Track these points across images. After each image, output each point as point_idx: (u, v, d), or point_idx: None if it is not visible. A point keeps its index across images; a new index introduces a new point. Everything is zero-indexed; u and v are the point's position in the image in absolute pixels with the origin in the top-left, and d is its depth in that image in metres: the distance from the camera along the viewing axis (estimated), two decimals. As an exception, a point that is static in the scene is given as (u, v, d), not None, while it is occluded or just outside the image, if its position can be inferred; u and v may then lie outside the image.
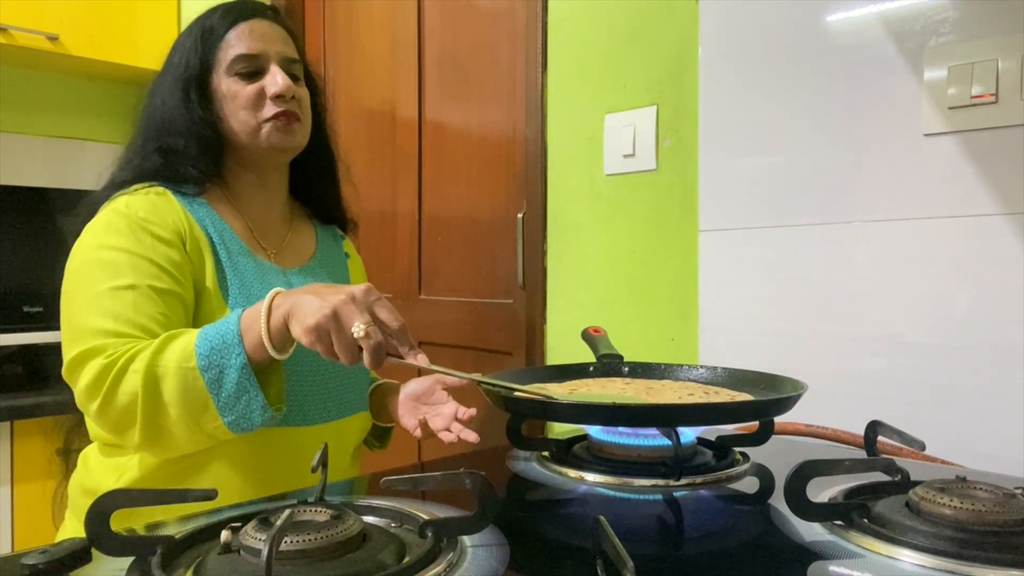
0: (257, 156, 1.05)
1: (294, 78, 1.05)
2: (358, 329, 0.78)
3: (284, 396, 0.89)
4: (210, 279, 0.96)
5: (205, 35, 1.03)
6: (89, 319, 0.89)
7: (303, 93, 1.06)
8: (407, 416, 1.09)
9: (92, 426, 1.00)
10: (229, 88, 1.02)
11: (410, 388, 1.12)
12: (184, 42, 1.05)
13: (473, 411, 1.03)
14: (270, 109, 1.01)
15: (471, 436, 1.01)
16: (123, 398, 0.84)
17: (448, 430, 1.03)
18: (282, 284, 1.03)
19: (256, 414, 0.84)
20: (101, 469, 0.98)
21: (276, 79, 1.01)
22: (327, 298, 0.79)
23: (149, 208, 0.96)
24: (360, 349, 0.79)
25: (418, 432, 1.06)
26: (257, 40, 1.03)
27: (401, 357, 0.82)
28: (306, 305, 0.80)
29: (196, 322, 0.95)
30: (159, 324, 0.90)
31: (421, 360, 0.82)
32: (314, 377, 1.00)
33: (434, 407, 1.08)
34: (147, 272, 0.91)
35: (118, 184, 1.01)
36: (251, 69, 1.02)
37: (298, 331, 0.80)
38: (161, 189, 0.99)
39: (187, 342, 0.84)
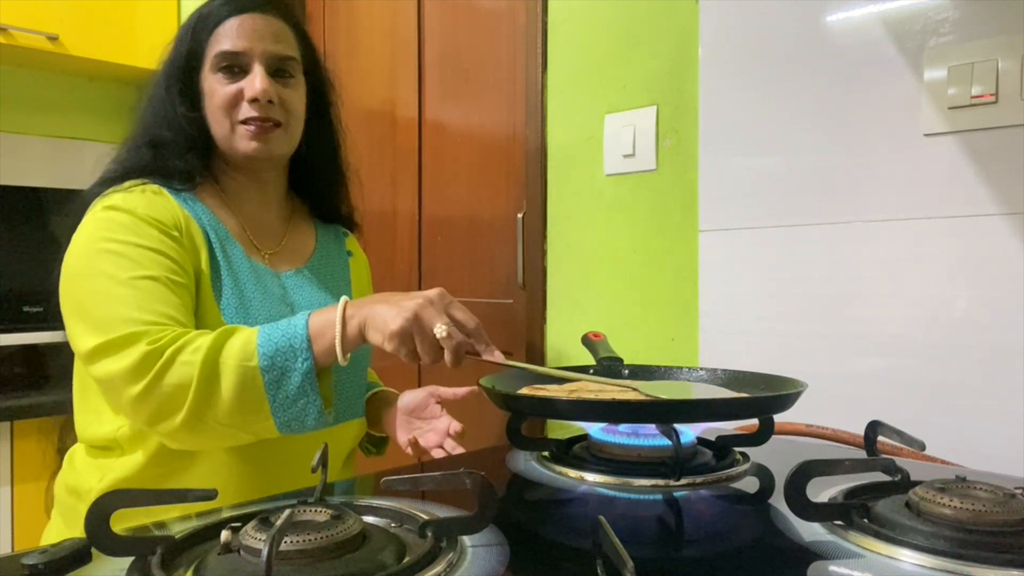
0: (236, 160, 1.02)
1: (284, 75, 1.00)
2: (440, 330, 0.80)
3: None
4: (204, 276, 0.95)
5: (199, 26, 1.00)
6: (117, 307, 0.86)
7: (291, 95, 1.01)
8: (401, 432, 1.09)
9: (81, 427, 0.98)
10: (211, 86, 0.99)
11: (405, 401, 1.10)
12: (180, 32, 1.02)
13: (461, 426, 1.04)
14: (245, 112, 0.97)
15: (458, 451, 1.02)
16: (170, 388, 0.82)
17: (441, 447, 1.03)
18: (276, 288, 1.02)
19: (311, 418, 0.85)
20: (86, 469, 0.97)
21: (255, 82, 0.97)
22: (404, 304, 0.82)
23: (148, 205, 0.94)
24: (441, 349, 0.81)
25: (409, 450, 1.05)
26: (243, 37, 0.98)
27: (479, 355, 0.85)
28: (383, 313, 0.82)
29: None
30: (183, 315, 0.89)
31: (498, 356, 0.85)
32: None
33: (428, 422, 1.07)
34: (163, 265, 0.90)
35: (109, 180, 0.99)
36: (234, 67, 0.98)
37: (379, 338, 0.82)
38: (157, 188, 0.97)
39: (247, 340, 0.83)
